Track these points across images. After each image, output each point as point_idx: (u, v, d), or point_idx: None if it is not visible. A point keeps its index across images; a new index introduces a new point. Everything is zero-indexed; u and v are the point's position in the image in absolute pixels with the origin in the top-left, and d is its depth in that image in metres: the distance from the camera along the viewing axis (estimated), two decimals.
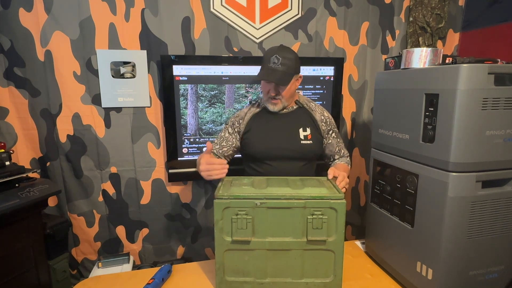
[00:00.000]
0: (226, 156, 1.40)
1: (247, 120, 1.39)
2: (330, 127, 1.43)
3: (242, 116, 1.41)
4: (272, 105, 1.34)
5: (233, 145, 1.40)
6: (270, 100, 1.33)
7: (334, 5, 1.97)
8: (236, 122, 1.42)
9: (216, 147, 1.40)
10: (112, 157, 1.87)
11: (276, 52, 1.28)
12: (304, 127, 1.37)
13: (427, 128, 1.03)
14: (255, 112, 1.41)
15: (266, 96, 1.34)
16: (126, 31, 1.76)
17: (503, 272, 1.07)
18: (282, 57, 1.27)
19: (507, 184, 1.02)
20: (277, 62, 1.27)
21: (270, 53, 1.29)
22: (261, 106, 1.42)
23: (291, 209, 1.02)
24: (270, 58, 1.28)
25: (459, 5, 2.10)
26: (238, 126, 1.41)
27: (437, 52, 1.11)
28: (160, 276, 1.14)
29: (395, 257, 1.21)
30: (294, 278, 1.07)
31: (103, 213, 1.94)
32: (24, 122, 1.77)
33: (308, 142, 1.36)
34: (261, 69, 1.32)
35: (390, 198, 1.23)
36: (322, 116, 1.41)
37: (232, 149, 1.41)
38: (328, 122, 1.43)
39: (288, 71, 1.28)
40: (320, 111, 1.43)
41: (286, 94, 1.32)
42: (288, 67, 1.28)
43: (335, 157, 1.45)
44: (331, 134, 1.43)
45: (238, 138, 1.40)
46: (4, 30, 1.65)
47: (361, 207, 2.29)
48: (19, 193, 1.44)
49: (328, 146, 1.43)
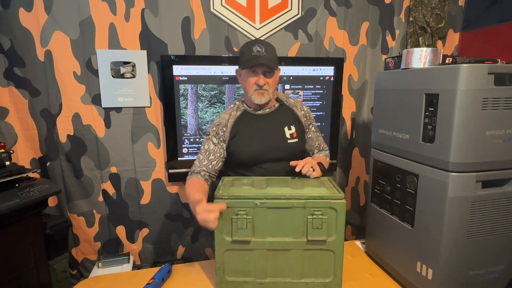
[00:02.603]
0: (216, 170, 1.31)
1: (231, 127, 1.32)
2: (310, 121, 1.41)
3: (224, 124, 1.32)
4: (260, 95, 1.27)
5: (221, 156, 1.31)
6: (257, 91, 1.27)
7: (334, 5, 1.97)
8: (219, 131, 1.32)
9: (204, 163, 1.28)
10: (112, 157, 1.87)
11: (257, 42, 1.26)
12: (289, 125, 1.34)
13: (427, 128, 1.03)
14: (237, 116, 1.34)
15: (252, 89, 1.27)
16: (126, 31, 1.76)
17: (503, 272, 1.07)
18: (265, 45, 1.24)
19: (507, 184, 1.02)
20: (261, 50, 1.22)
21: (250, 44, 1.26)
22: (241, 109, 1.36)
23: (291, 209, 1.02)
24: (252, 48, 1.23)
25: (459, 5, 2.10)
26: (222, 134, 1.31)
27: (437, 52, 1.11)
28: (160, 276, 1.14)
29: (395, 257, 1.21)
30: (294, 278, 1.07)
31: (103, 213, 1.94)
32: (24, 122, 1.77)
33: (295, 141, 1.33)
34: (243, 60, 1.26)
35: (390, 198, 1.23)
36: (303, 111, 1.40)
37: (221, 160, 1.32)
38: (308, 116, 1.41)
39: (274, 58, 1.26)
40: (300, 106, 1.41)
41: (273, 84, 1.28)
42: (273, 55, 1.26)
43: (314, 151, 1.44)
44: (311, 128, 1.41)
45: (224, 147, 1.32)
46: (4, 30, 1.65)
47: (361, 207, 2.29)
48: (19, 193, 1.44)
49: (308, 140, 1.41)
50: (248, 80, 1.27)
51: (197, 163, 1.30)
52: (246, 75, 1.28)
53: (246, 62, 1.24)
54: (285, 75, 1.90)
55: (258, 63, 1.22)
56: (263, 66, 1.24)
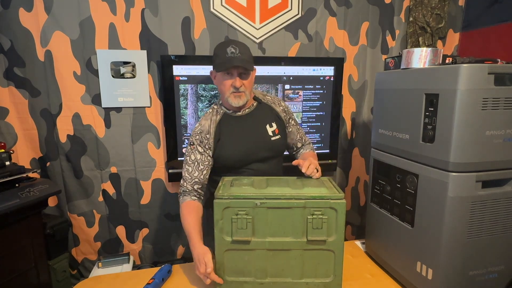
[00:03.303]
0: (207, 178, 1.28)
1: (213, 132, 1.28)
2: (289, 115, 1.40)
3: (207, 130, 1.28)
4: (237, 98, 1.23)
5: (209, 164, 1.28)
6: (233, 94, 1.23)
7: (334, 5, 1.97)
8: (203, 139, 1.27)
9: (195, 174, 1.25)
10: (112, 157, 1.87)
11: (230, 43, 1.22)
12: (270, 123, 1.33)
13: (427, 128, 1.03)
14: (218, 121, 1.30)
15: (229, 92, 1.23)
16: (126, 31, 1.76)
17: (503, 272, 1.07)
18: (239, 46, 1.21)
19: (507, 184, 1.02)
20: (236, 52, 1.19)
21: (223, 46, 1.22)
22: (220, 113, 1.32)
23: (291, 209, 1.02)
24: (226, 49, 1.19)
25: (459, 5, 2.10)
26: (207, 142, 1.27)
27: (437, 52, 1.11)
28: (160, 276, 1.14)
29: (395, 257, 1.21)
30: (294, 278, 1.07)
31: (103, 213, 1.94)
32: (24, 122, 1.77)
33: (277, 137, 1.33)
34: (217, 63, 1.22)
35: (390, 198, 1.23)
36: (281, 106, 1.39)
37: (210, 167, 1.29)
38: (287, 110, 1.40)
39: (250, 59, 1.23)
40: (278, 102, 1.40)
41: (249, 85, 1.26)
42: (248, 56, 1.23)
43: (298, 145, 1.43)
44: (290, 122, 1.41)
45: (211, 155, 1.28)
46: (4, 30, 1.65)
47: (361, 207, 2.29)
48: (19, 193, 1.44)
49: (289, 134, 1.40)
50: (224, 82, 1.24)
51: (188, 176, 1.26)
52: (222, 77, 1.24)
53: (221, 64, 1.21)
54: (285, 75, 1.90)
55: (233, 65, 1.19)
56: (238, 68, 1.20)
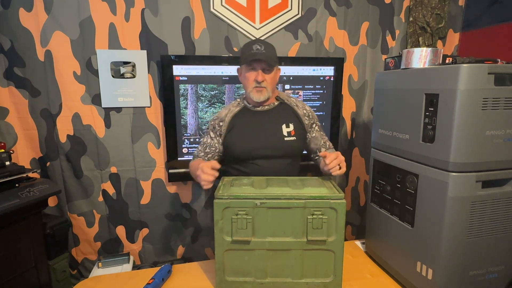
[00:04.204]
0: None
1: (228, 121, 1.35)
2: (313, 121, 1.41)
3: (222, 118, 1.36)
4: (258, 93, 1.29)
5: (216, 151, 1.36)
6: (255, 89, 1.29)
7: (334, 5, 1.97)
8: (216, 125, 1.36)
9: (201, 154, 1.37)
10: (112, 157, 1.87)
11: (257, 41, 1.30)
12: (287, 123, 1.35)
13: (427, 128, 1.03)
14: (236, 112, 1.37)
15: (251, 86, 1.29)
16: (126, 31, 1.76)
17: (503, 272, 1.07)
18: (264, 44, 1.28)
19: (507, 184, 1.02)
20: (261, 48, 1.26)
21: (251, 43, 1.30)
22: (241, 105, 1.39)
23: (291, 209, 1.02)
24: (252, 46, 1.27)
25: (459, 5, 2.10)
26: (219, 129, 1.35)
27: (437, 52, 1.11)
28: (160, 276, 1.14)
29: (395, 257, 1.21)
30: (294, 278, 1.07)
31: (103, 213, 1.94)
32: (24, 122, 1.77)
33: (292, 139, 1.34)
34: (243, 57, 1.29)
35: (390, 198, 1.23)
36: (304, 110, 1.40)
37: (217, 154, 1.37)
38: (311, 116, 1.41)
39: (273, 56, 1.29)
40: (302, 106, 1.41)
41: (271, 82, 1.31)
42: (272, 53, 1.29)
43: (322, 150, 1.42)
44: (314, 128, 1.41)
45: (220, 142, 1.36)
46: (4, 30, 1.65)
47: (361, 207, 2.29)
48: (19, 193, 1.44)
49: (313, 140, 1.41)
50: (247, 75, 1.30)
51: (195, 154, 1.40)
52: (245, 71, 1.31)
53: (245, 58, 1.28)
54: (285, 75, 1.90)
55: (256, 59, 1.26)
56: (262, 63, 1.27)
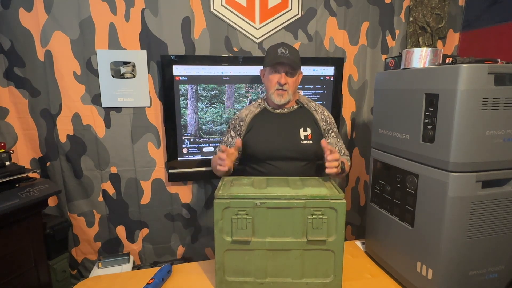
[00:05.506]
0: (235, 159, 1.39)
1: (248, 122, 1.41)
2: (330, 126, 1.43)
3: (242, 118, 1.42)
4: (279, 96, 1.34)
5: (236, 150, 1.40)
6: (277, 91, 1.34)
7: (334, 5, 1.97)
8: (237, 124, 1.43)
9: None
10: (112, 157, 1.87)
11: (282, 45, 1.34)
12: (305, 127, 1.38)
13: (427, 128, 1.03)
14: (256, 113, 1.42)
15: (273, 88, 1.34)
16: (126, 31, 1.76)
17: (503, 272, 1.07)
18: (289, 48, 1.33)
19: (507, 184, 1.02)
20: (285, 52, 1.31)
21: (276, 46, 1.35)
22: (261, 107, 1.44)
23: (291, 209, 1.02)
24: (277, 49, 1.32)
25: (459, 5, 2.10)
26: (239, 128, 1.42)
27: (437, 52, 1.11)
28: (160, 276, 1.14)
29: (395, 257, 1.21)
30: (294, 278, 1.07)
31: (103, 213, 1.94)
32: (24, 122, 1.77)
33: (308, 142, 1.36)
34: (268, 60, 1.35)
35: (390, 198, 1.23)
36: (323, 116, 1.42)
37: (238, 152, 1.40)
38: (328, 121, 1.43)
39: (297, 60, 1.34)
40: (321, 111, 1.44)
41: (293, 85, 1.35)
42: (296, 57, 1.34)
43: None
44: (330, 133, 1.43)
45: None
46: (4, 30, 1.65)
47: (361, 207, 2.29)
48: (19, 193, 1.44)
49: None
50: (270, 78, 1.35)
51: (219, 148, 1.46)
52: (269, 73, 1.35)
53: (270, 61, 1.33)
54: None
55: (280, 62, 1.30)
56: (285, 66, 1.31)
